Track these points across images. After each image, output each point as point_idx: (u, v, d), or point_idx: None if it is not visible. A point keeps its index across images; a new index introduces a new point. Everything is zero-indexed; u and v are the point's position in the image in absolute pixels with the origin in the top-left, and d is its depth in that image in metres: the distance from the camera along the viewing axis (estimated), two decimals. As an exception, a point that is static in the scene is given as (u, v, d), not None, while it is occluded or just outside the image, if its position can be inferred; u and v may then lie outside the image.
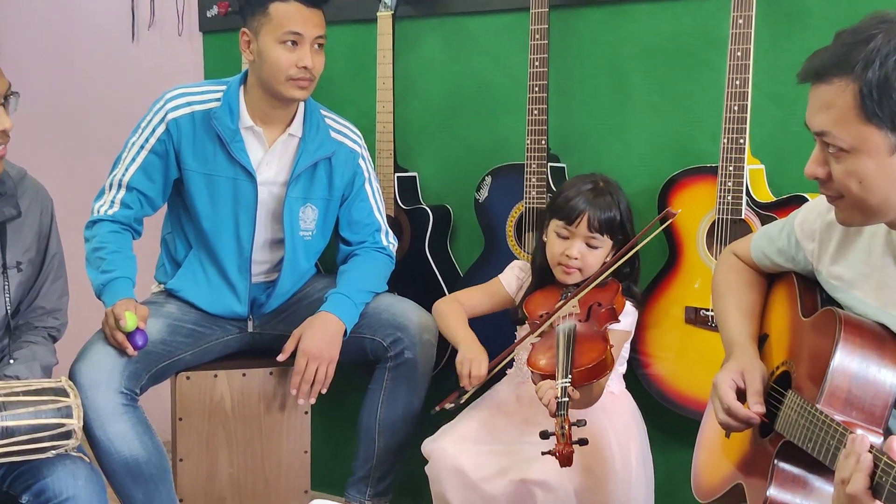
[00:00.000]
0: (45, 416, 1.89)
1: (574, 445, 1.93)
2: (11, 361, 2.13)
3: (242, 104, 2.62)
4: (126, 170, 2.61)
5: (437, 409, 2.38)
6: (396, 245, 2.82)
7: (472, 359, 2.34)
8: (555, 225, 2.37)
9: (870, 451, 1.33)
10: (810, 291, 1.83)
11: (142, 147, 2.61)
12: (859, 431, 1.42)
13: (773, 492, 1.59)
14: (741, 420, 1.73)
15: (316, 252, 2.79)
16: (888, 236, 1.64)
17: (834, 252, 1.75)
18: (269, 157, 2.64)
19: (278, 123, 2.65)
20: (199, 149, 2.59)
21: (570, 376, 2.04)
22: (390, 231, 2.81)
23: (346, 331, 2.59)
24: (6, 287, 2.15)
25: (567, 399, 1.99)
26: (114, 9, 3.67)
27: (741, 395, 1.76)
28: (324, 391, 2.59)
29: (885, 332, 1.61)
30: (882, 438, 1.52)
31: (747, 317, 1.92)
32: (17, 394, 1.89)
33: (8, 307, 2.15)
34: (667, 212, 2.27)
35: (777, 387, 1.74)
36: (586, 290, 2.26)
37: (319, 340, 2.55)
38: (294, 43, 2.53)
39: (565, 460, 1.92)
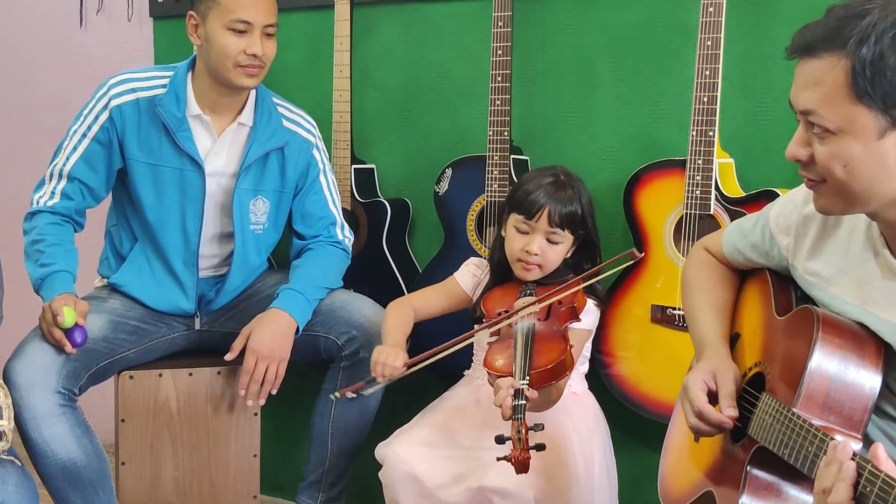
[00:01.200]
0: (-27, 418, 1.79)
1: (531, 451, 1.85)
2: None
3: (190, 91, 2.52)
4: (67, 159, 2.51)
5: (338, 395, 2.33)
6: (352, 239, 2.74)
7: (390, 351, 2.23)
8: (514, 219, 2.29)
9: (853, 459, 1.25)
10: (785, 289, 1.75)
11: (84, 135, 2.50)
12: (838, 437, 1.35)
13: (745, 500, 1.51)
14: (713, 424, 1.64)
15: (268, 246, 2.70)
16: (869, 230, 1.56)
17: (810, 247, 1.68)
18: (218, 147, 2.54)
19: (228, 112, 2.55)
20: (144, 137, 2.49)
21: (527, 378, 1.95)
22: (346, 224, 2.72)
23: (298, 328, 2.50)
24: None
25: (524, 402, 1.90)
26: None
27: (713, 398, 1.68)
28: (274, 392, 2.50)
29: (864, 332, 1.53)
30: (861, 444, 1.44)
31: (719, 315, 1.84)
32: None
33: None
34: (632, 252, 2.19)
35: (750, 389, 1.66)
36: (548, 302, 2.18)
37: (269, 339, 2.45)
38: (243, 30, 2.43)
39: (521, 467, 1.84)
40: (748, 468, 1.53)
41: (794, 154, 1.49)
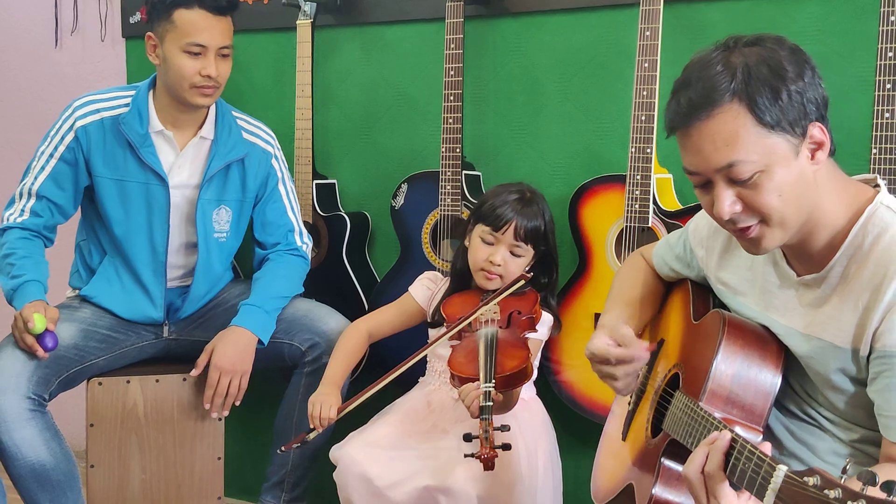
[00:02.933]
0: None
1: (497, 450, 1.94)
2: None
3: (152, 108, 2.61)
4: (35, 178, 2.59)
5: (284, 448, 2.42)
6: (311, 245, 2.83)
7: (323, 401, 2.35)
8: (480, 230, 2.38)
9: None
10: (703, 297, 1.87)
11: (51, 155, 2.59)
12: (738, 428, 1.46)
13: (657, 490, 1.61)
14: (635, 358, 1.74)
15: (229, 254, 2.79)
16: None
17: (718, 259, 1.80)
18: (181, 161, 2.64)
19: (189, 126, 2.65)
20: (110, 155, 2.58)
21: (493, 381, 2.05)
22: (304, 231, 2.82)
23: (260, 341, 2.60)
24: None
25: (491, 403, 2.00)
26: (37, 14, 3.64)
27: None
28: (237, 403, 2.60)
29: (768, 335, 1.65)
30: (762, 437, 1.56)
31: (628, 306, 1.94)
32: None
33: None
34: (521, 275, 2.29)
35: (669, 389, 1.78)
36: (499, 298, 2.28)
37: (231, 354, 2.55)
38: (198, 53, 2.52)
39: (488, 464, 1.93)
40: (661, 460, 1.64)
41: (731, 211, 1.53)
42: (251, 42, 3.13)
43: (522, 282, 2.27)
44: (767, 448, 1.35)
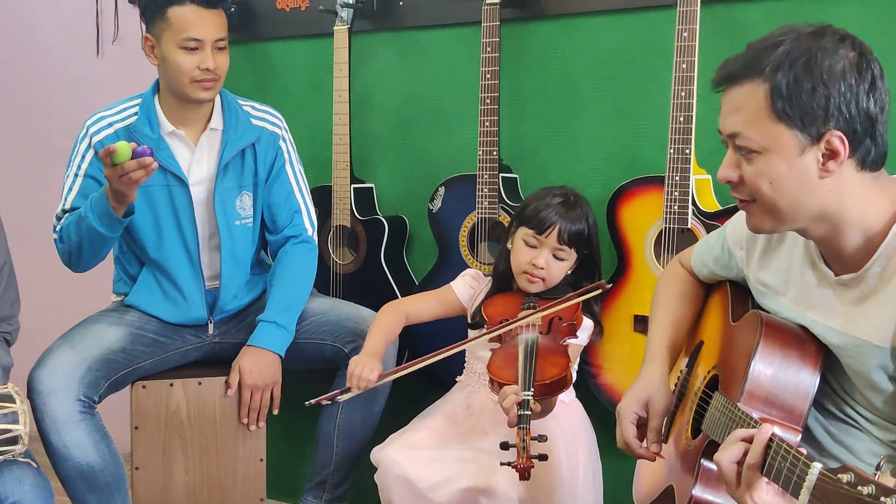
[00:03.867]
0: (-10, 422, 1.92)
1: (534, 461, 1.94)
2: None
3: (160, 111, 2.65)
4: (66, 199, 2.62)
5: (314, 402, 2.38)
6: (316, 228, 2.82)
7: (365, 363, 2.36)
8: (523, 233, 2.38)
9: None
10: (742, 298, 1.87)
11: (76, 175, 2.62)
12: (776, 428, 1.46)
13: (697, 491, 1.62)
14: (637, 456, 1.82)
15: (255, 238, 2.80)
16: (807, 245, 1.68)
17: (759, 259, 1.80)
18: (197, 157, 2.67)
19: (198, 122, 2.68)
20: None
21: (531, 389, 2.04)
22: (312, 212, 2.82)
23: (282, 355, 2.64)
24: None
25: (528, 412, 1.99)
26: (79, 24, 3.70)
27: (643, 422, 1.84)
28: (275, 412, 2.66)
29: (806, 335, 1.65)
30: (800, 437, 1.56)
31: (672, 325, 1.97)
32: (-38, 402, 1.91)
33: None
34: (601, 284, 2.27)
35: (707, 391, 1.78)
36: (546, 312, 2.27)
37: (257, 371, 2.61)
38: (194, 48, 2.56)
39: (524, 474, 1.94)
40: (701, 461, 1.64)
41: (725, 176, 1.61)
42: (289, 49, 3.17)
43: (600, 290, 2.26)
44: (803, 451, 1.36)
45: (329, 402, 2.37)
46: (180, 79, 2.57)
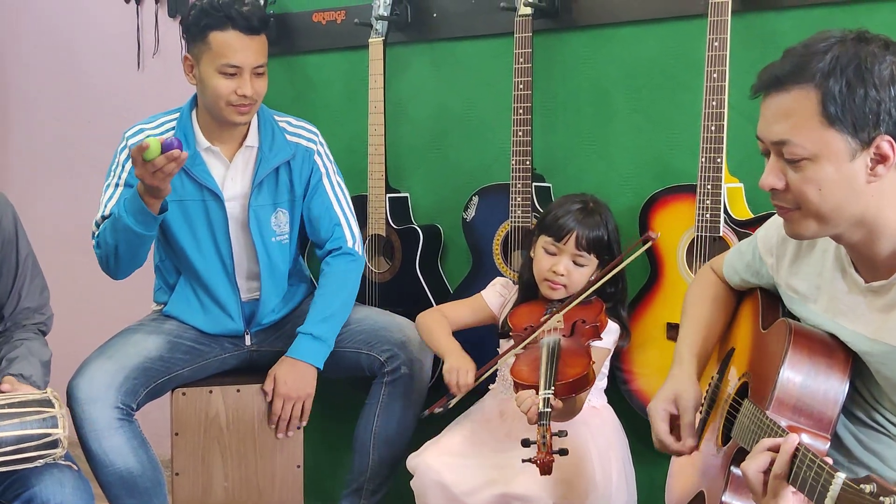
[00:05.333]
0: (30, 426, 1.95)
1: (554, 455, 1.97)
2: (9, 372, 2.19)
3: (196, 127, 2.69)
4: (105, 206, 2.65)
5: (427, 413, 2.42)
6: (359, 239, 2.83)
7: (459, 368, 2.39)
8: (543, 241, 2.42)
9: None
10: (773, 305, 1.88)
11: (116, 185, 2.66)
12: (805, 436, 1.48)
13: (727, 497, 1.64)
14: (674, 452, 1.81)
15: (292, 254, 2.84)
16: (837, 251, 1.69)
17: (789, 266, 1.81)
18: (232, 173, 2.71)
19: (234, 139, 2.72)
20: None
21: (552, 388, 2.08)
22: (354, 224, 2.84)
23: (319, 368, 2.68)
24: None
25: (549, 409, 2.03)
26: (120, 38, 3.77)
27: (675, 421, 1.84)
28: (304, 423, 2.69)
29: (834, 342, 1.66)
30: (828, 444, 1.57)
31: (701, 330, 1.97)
32: (2, 406, 1.96)
33: None
34: (647, 235, 2.29)
35: (738, 398, 1.79)
36: (571, 306, 2.31)
37: (291, 383, 2.64)
38: (233, 73, 2.58)
39: (545, 468, 1.97)
40: (731, 468, 1.66)
41: (770, 184, 1.60)
42: (324, 61, 3.21)
43: (649, 243, 2.28)
44: (829, 460, 1.37)
45: (441, 410, 2.40)
46: (217, 102, 2.60)
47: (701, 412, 1.97)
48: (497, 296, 2.59)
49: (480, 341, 2.60)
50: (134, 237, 2.50)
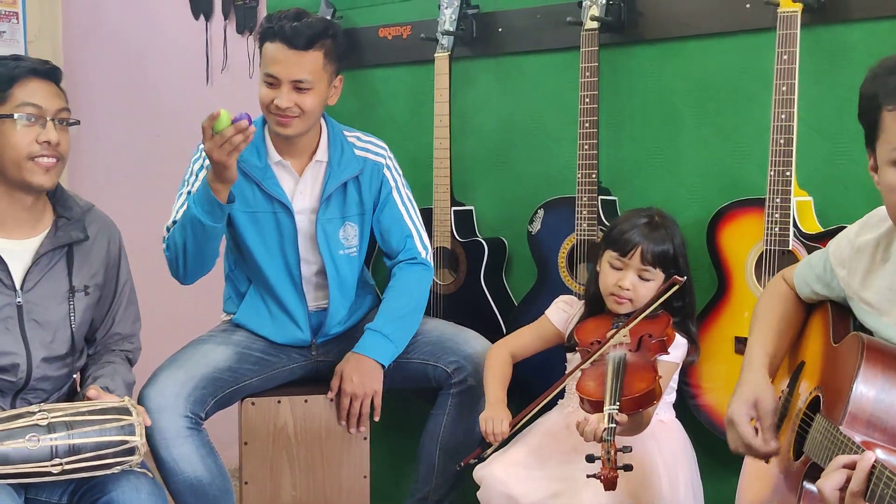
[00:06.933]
0: (109, 433, 2.00)
1: (619, 471, 1.97)
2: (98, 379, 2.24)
3: (268, 140, 2.73)
4: (176, 212, 2.69)
5: (462, 464, 2.45)
6: (430, 251, 2.86)
7: (493, 417, 2.42)
8: (609, 256, 2.42)
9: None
10: (843, 319, 1.87)
11: (189, 193, 2.69)
12: (879, 451, 1.47)
13: (800, 512, 1.63)
14: (761, 456, 1.79)
15: (359, 267, 2.87)
16: None
17: (861, 278, 1.79)
18: (302, 187, 2.74)
19: (304, 153, 2.75)
20: (239, 189, 2.66)
21: (618, 403, 2.08)
22: (424, 236, 2.86)
23: (385, 365, 2.69)
24: (72, 308, 2.28)
25: (614, 425, 2.03)
26: (190, 53, 3.85)
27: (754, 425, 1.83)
28: (376, 418, 2.70)
29: None
30: (904, 459, 1.55)
31: (773, 338, 1.96)
32: (83, 413, 2.00)
33: (73, 327, 2.29)
34: (674, 279, 2.26)
35: (809, 412, 1.78)
36: (634, 323, 2.30)
37: (357, 379, 2.65)
38: (272, 83, 2.62)
39: (610, 484, 1.96)
40: (803, 483, 1.65)
41: None
42: (391, 75, 3.25)
43: (676, 286, 2.25)
44: None
45: (476, 461, 2.43)
46: (261, 109, 2.66)
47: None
48: (561, 313, 2.59)
49: (549, 354, 2.61)
50: (201, 231, 2.54)
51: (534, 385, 2.55)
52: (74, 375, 2.38)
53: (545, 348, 2.61)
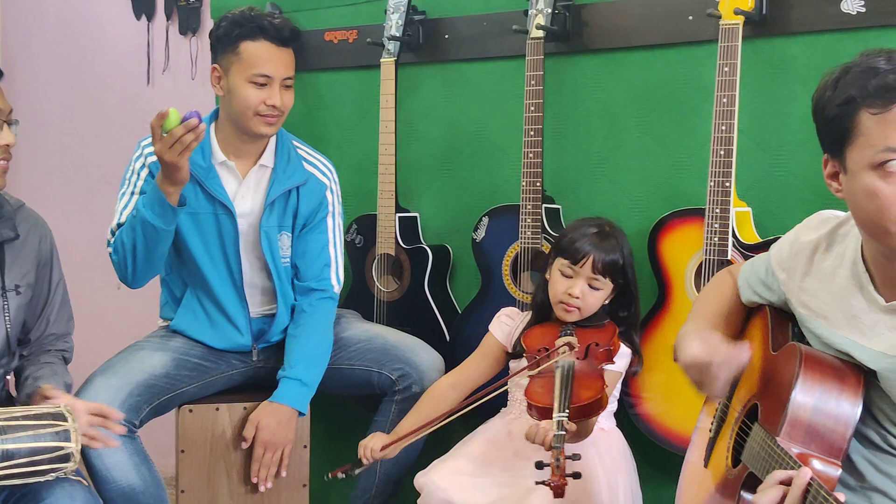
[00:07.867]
0: (44, 439, 1.95)
1: (568, 478, 1.98)
2: (39, 384, 2.19)
3: (214, 140, 2.70)
4: (120, 213, 2.65)
5: (330, 476, 2.49)
6: (341, 285, 2.84)
7: (371, 437, 2.52)
8: (559, 264, 2.42)
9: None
10: (783, 326, 1.88)
11: (132, 193, 2.66)
12: (816, 462, 1.48)
13: (737, 521, 1.64)
14: (733, 361, 1.76)
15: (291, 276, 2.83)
16: (854, 267, 1.68)
17: (800, 281, 1.81)
18: (244, 190, 2.72)
19: (250, 156, 2.73)
20: None
21: (567, 411, 2.09)
22: (341, 269, 2.84)
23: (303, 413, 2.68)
24: (6, 308, 2.23)
25: (563, 433, 2.04)
26: (131, 54, 3.81)
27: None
28: (283, 474, 2.68)
29: (845, 365, 1.66)
30: (840, 470, 1.57)
31: (720, 319, 1.95)
32: (17, 418, 1.95)
33: (8, 328, 2.24)
34: (569, 342, 2.33)
35: (747, 420, 1.80)
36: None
37: (273, 429, 2.62)
38: (263, 83, 2.61)
39: (558, 491, 1.97)
40: (740, 492, 1.66)
41: None
42: (336, 80, 3.23)
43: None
44: (842, 497, 1.38)
45: (344, 475, 2.49)
46: (245, 112, 2.62)
47: (711, 431, 1.97)
48: (504, 326, 2.58)
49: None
50: (152, 233, 2.50)
51: (478, 391, 2.54)
52: (8, 377, 2.32)
53: (494, 371, 2.58)
